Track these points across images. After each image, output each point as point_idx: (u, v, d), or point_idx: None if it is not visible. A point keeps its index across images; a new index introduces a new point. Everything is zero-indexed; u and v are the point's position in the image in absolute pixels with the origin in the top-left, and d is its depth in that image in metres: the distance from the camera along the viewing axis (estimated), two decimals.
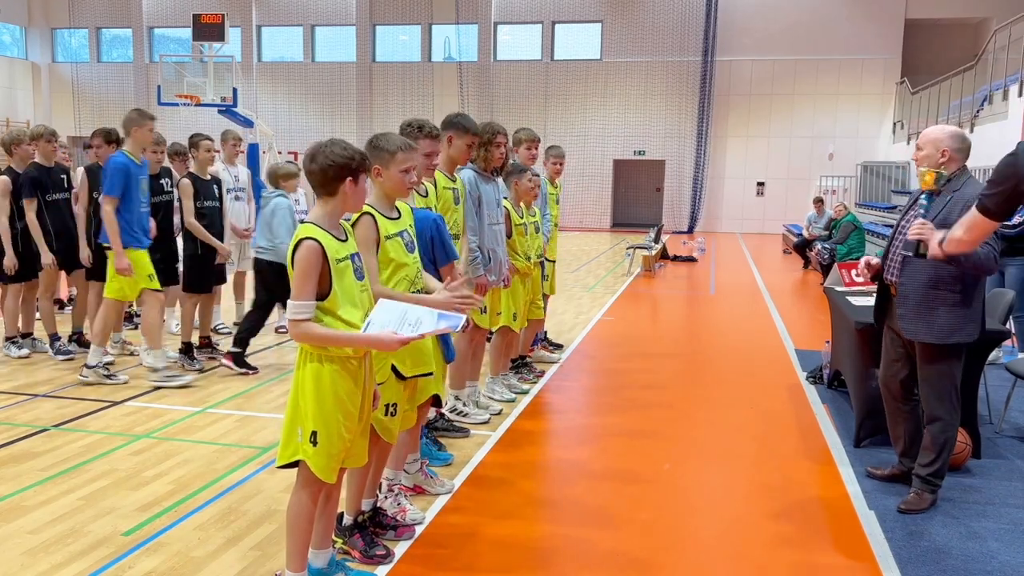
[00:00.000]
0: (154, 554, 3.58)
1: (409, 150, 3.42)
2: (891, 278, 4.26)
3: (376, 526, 3.70)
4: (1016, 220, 7.13)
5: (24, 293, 7.28)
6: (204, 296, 7.20)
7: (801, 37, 25.05)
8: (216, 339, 7.64)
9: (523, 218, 6.09)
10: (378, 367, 3.35)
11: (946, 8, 24.08)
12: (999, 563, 3.66)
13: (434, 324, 2.98)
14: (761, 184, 26.29)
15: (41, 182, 6.93)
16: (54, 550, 3.61)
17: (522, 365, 6.79)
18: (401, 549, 3.66)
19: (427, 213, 4.11)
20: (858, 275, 6.54)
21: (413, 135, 4.20)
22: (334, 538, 3.61)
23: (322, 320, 2.92)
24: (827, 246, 13.38)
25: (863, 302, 5.45)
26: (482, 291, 5.35)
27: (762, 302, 11.45)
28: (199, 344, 7.19)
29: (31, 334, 7.38)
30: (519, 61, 27.32)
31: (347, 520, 3.62)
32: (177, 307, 7.74)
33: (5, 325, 7.35)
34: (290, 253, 2.91)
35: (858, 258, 11.63)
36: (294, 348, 7.74)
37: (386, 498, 3.89)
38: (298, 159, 19.29)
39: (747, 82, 25.78)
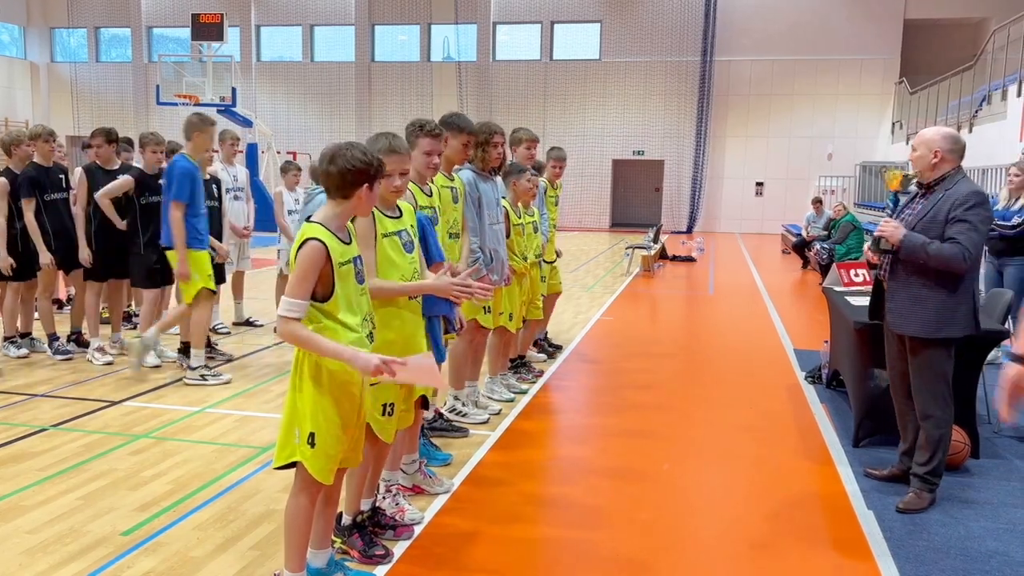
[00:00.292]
0: (153, 554, 3.58)
1: (392, 154, 3.33)
2: (884, 275, 4.30)
3: (375, 526, 3.70)
4: (1015, 221, 7.14)
5: (23, 293, 7.27)
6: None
7: (800, 37, 25.06)
8: (215, 339, 7.63)
9: (521, 218, 6.09)
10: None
11: (945, 8, 24.10)
12: (998, 563, 3.66)
13: (419, 359, 3.00)
14: (760, 184, 26.30)
15: (39, 182, 6.92)
16: (52, 550, 3.60)
17: (521, 365, 6.79)
18: (400, 549, 3.66)
19: (417, 214, 4.08)
20: (857, 275, 6.57)
21: (414, 134, 4.20)
22: (333, 538, 3.61)
23: (321, 322, 2.90)
24: (826, 246, 13.39)
25: (862, 302, 5.45)
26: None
27: (761, 302, 11.45)
28: None
29: (30, 334, 7.38)
30: (518, 61, 27.33)
31: (346, 520, 3.62)
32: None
33: (4, 325, 7.34)
34: (294, 251, 2.89)
35: (857, 258, 11.66)
36: (292, 348, 7.69)
37: (384, 498, 3.89)
38: (297, 158, 19.27)
39: (746, 82, 25.79)
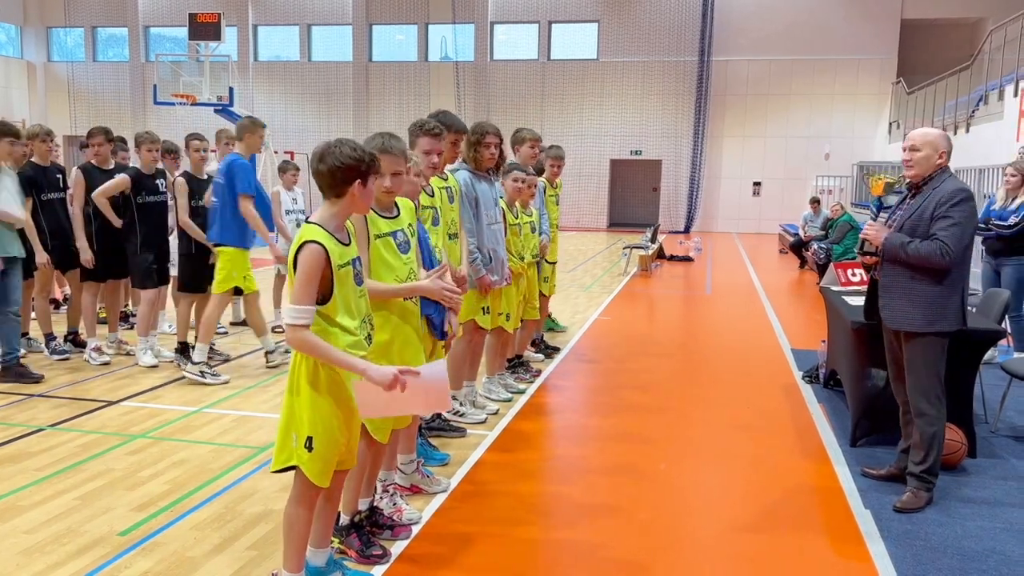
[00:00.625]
0: (150, 554, 3.58)
1: (383, 154, 3.28)
2: (878, 274, 4.35)
3: (373, 526, 3.70)
4: (1012, 221, 7.15)
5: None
6: (199, 296, 7.18)
7: (797, 37, 25.07)
8: (212, 338, 7.61)
9: (518, 218, 6.08)
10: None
11: (942, 8, 24.11)
12: (995, 562, 3.67)
13: (432, 369, 3.01)
14: (757, 184, 26.31)
15: (37, 181, 6.91)
16: (50, 550, 3.60)
17: (518, 365, 6.79)
18: (398, 549, 3.66)
19: None
20: (854, 275, 6.57)
21: (415, 133, 4.20)
22: (331, 537, 3.61)
23: (319, 325, 2.88)
24: (823, 246, 13.41)
25: (859, 302, 5.46)
26: (485, 291, 5.35)
27: (758, 302, 11.46)
28: (195, 344, 7.16)
29: (27, 334, 7.36)
30: (516, 61, 27.31)
31: (344, 520, 3.62)
32: (171, 307, 7.73)
33: None
34: (292, 253, 2.85)
35: (854, 258, 11.67)
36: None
37: (382, 498, 3.89)
38: (294, 158, 19.25)
39: (743, 82, 25.80)
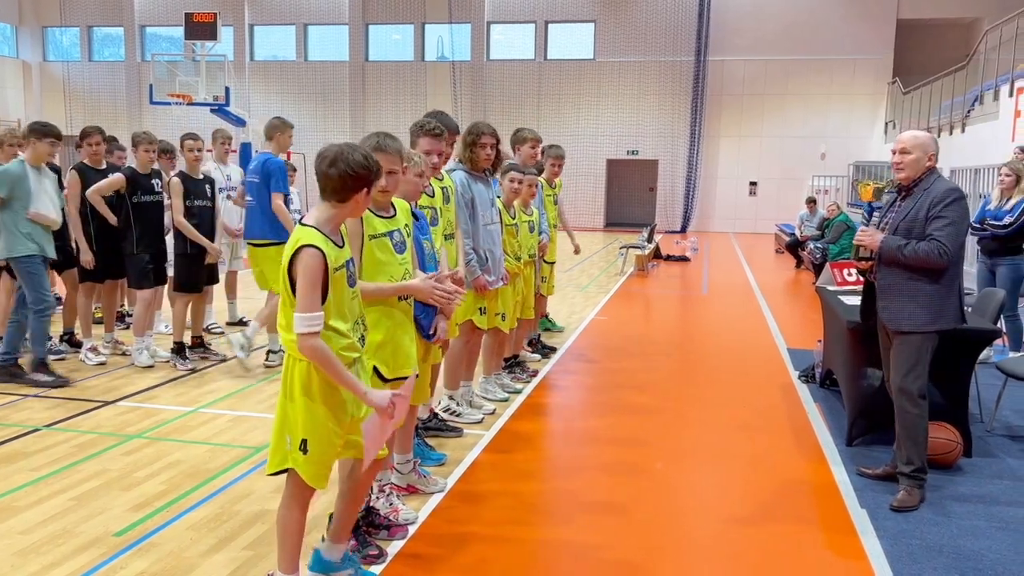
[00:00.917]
0: (146, 554, 3.57)
1: (378, 152, 3.25)
2: (874, 276, 4.38)
3: (369, 526, 3.70)
4: (1007, 220, 7.17)
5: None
6: (195, 296, 7.17)
7: (793, 37, 25.10)
8: (208, 339, 7.61)
9: (514, 218, 6.08)
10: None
11: (938, 8, 24.16)
12: (990, 561, 3.68)
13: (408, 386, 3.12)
14: (754, 184, 26.34)
15: None
16: (45, 551, 3.59)
17: (515, 365, 6.79)
18: (394, 549, 3.66)
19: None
20: (850, 274, 6.58)
21: (415, 134, 4.19)
22: (325, 538, 3.60)
23: None
24: (819, 246, 13.43)
25: (855, 301, 5.47)
26: (481, 292, 5.34)
27: (755, 301, 11.47)
28: (191, 344, 7.16)
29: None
30: (512, 61, 27.31)
31: None
32: (167, 307, 7.72)
33: None
34: (287, 257, 2.80)
35: (850, 258, 11.68)
36: (284, 349, 7.64)
37: (378, 498, 3.89)
38: (291, 158, 19.17)
39: (740, 82, 25.83)
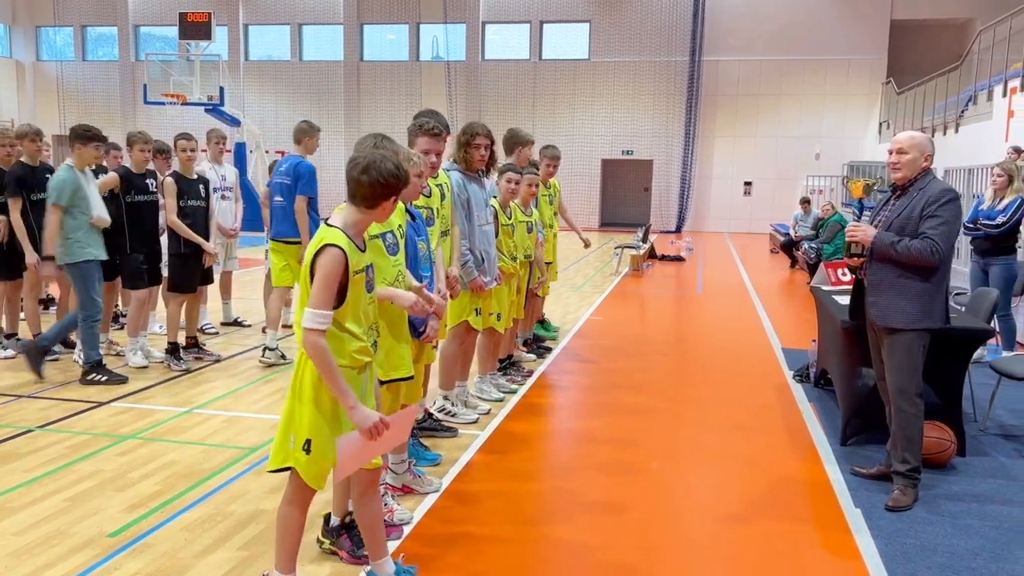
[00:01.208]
0: (140, 555, 3.56)
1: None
2: (864, 273, 4.43)
3: None
4: (1000, 220, 7.20)
5: (8, 293, 7.21)
6: (189, 296, 7.16)
7: (788, 37, 25.15)
8: (203, 339, 7.60)
9: (511, 218, 6.08)
10: None
11: (931, 9, 24.23)
12: (984, 559, 3.69)
13: (400, 417, 3.10)
14: (748, 184, 26.38)
15: (26, 181, 6.86)
16: (39, 552, 3.58)
17: (510, 365, 6.79)
18: (389, 549, 3.65)
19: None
20: (844, 274, 6.60)
21: (414, 133, 4.18)
22: (320, 539, 3.60)
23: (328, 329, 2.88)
24: (814, 245, 13.45)
25: (848, 301, 5.48)
26: (478, 292, 5.35)
27: (749, 301, 11.49)
28: (185, 344, 7.14)
29: (15, 334, 7.32)
30: (507, 60, 27.31)
31: (334, 521, 3.61)
32: (161, 307, 7.70)
33: None
34: (310, 255, 2.85)
35: (842, 256, 11.71)
36: (282, 348, 7.61)
37: None
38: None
39: (734, 82, 25.86)
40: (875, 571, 3.57)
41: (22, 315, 7.44)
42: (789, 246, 16.01)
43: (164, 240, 7.13)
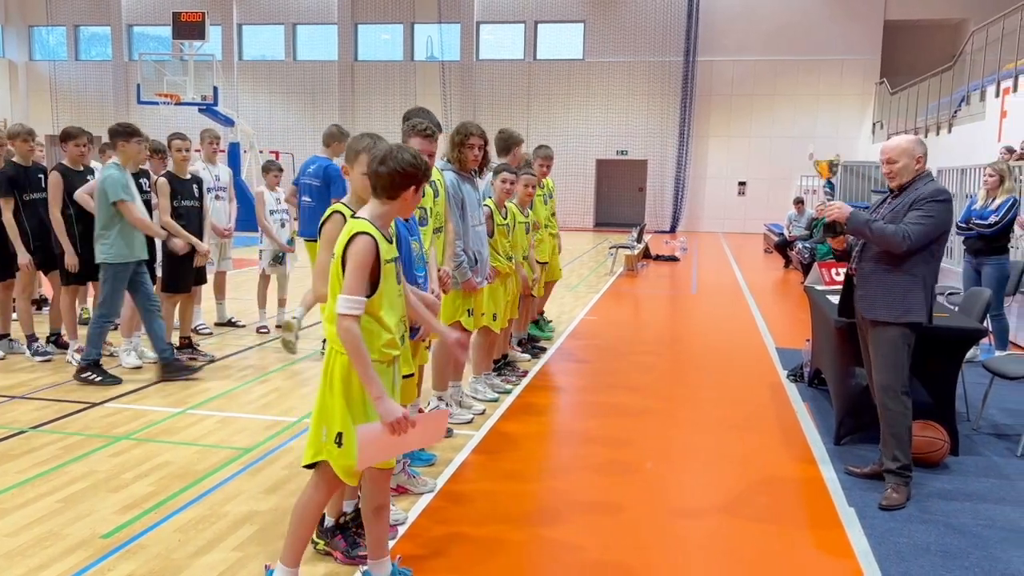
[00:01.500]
0: (134, 556, 3.55)
1: (368, 153, 3.26)
2: (853, 269, 4.49)
3: (358, 527, 3.68)
4: (992, 219, 7.23)
5: (1, 294, 7.18)
6: (183, 296, 7.15)
7: (781, 38, 25.21)
8: (196, 340, 7.58)
9: (506, 218, 6.08)
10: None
11: (925, 9, 24.31)
12: (976, 558, 3.70)
13: (430, 417, 3.15)
14: (742, 184, 26.44)
15: (18, 181, 6.85)
16: (31, 553, 3.57)
17: (505, 365, 6.79)
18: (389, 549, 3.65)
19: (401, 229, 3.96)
20: (838, 274, 6.62)
21: (407, 133, 4.17)
22: (315, 539, 3.60)
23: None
24: (807, 245, 13.48)
25: None
26: (471, 292, 5.35)
27: (743, 301, 11.51)
28: (179, 344, 7.13)
29: (8, 335, 7.29)
30: (502, 60, 27.31)
31: (329, 522, 3.61)
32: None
33: None
34: (341, 246, 2.89)
35: (837, 258, 11.74)
36: (276, 349, 7.60)
37: None
38: (279, 158, 19.16)
39: (728, 82, 25.92)
40: (868, 570, 3.58)
41: (15, 316, 7.41)
42: (783, 246, 16.05)
43: (157, 241, 7.12)
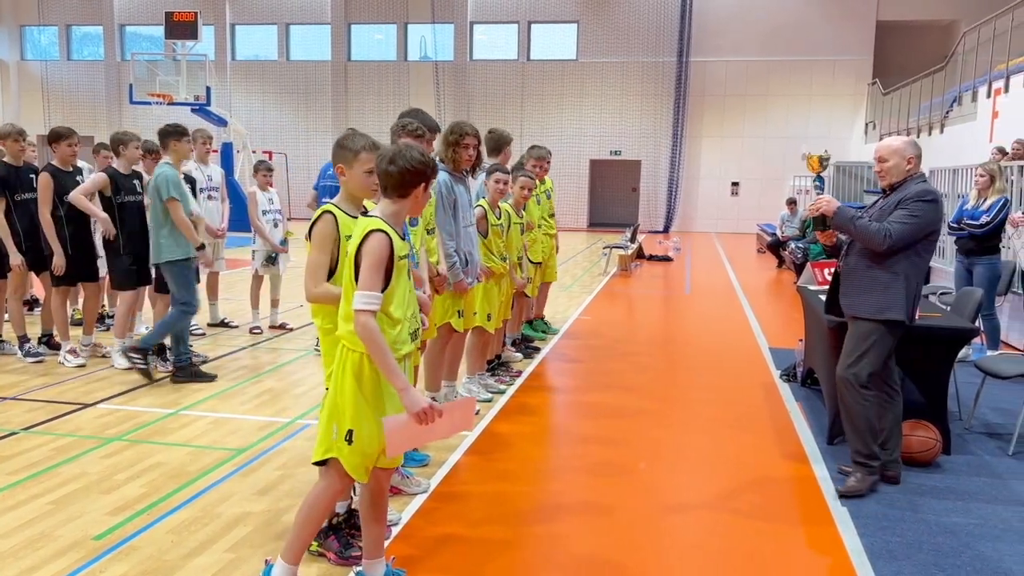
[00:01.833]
0: (126, 558, 3.54)
1: (373, 150, 3.30)
2: (840, 264, 4.56)
3: (352, 527, 3.68)
4: (983, 220, 7.26)
5: None
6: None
7: (774, 38, 25.28)
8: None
9: (500, 219, 6.07)
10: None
11: (917, 10, 24.40)
12: (969, 557, 3.72)
13: (457, 405, 3.17)
14: (735, 184, 26.50)
15: (9, 182, 6.81)
16: (23, 555, 3.55)
17: (498, 365, 6.79)
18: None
19: None
20: (831, 274, 6.64)
21: (396, 134, 4.17)
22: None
23: None
24: (800, 245, 13.51)
25: None
26: (462, 293, 5.34)
27: (736, 301, 11.54)
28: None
29: None
30: (495, 61, 27.32)
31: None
32: (148, 308, 7.66)
33: None
34: (355, 244, 2.93)
35: (830, 258, 11.76)
36: (269, 350, 7.59)
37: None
38: (272, 158, 19.13)
39: (721, 83, 25.97)
40: (861, 568, 3.59)
41: (6, 317, 7.37)
42: (776, 246, 16.08)
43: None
